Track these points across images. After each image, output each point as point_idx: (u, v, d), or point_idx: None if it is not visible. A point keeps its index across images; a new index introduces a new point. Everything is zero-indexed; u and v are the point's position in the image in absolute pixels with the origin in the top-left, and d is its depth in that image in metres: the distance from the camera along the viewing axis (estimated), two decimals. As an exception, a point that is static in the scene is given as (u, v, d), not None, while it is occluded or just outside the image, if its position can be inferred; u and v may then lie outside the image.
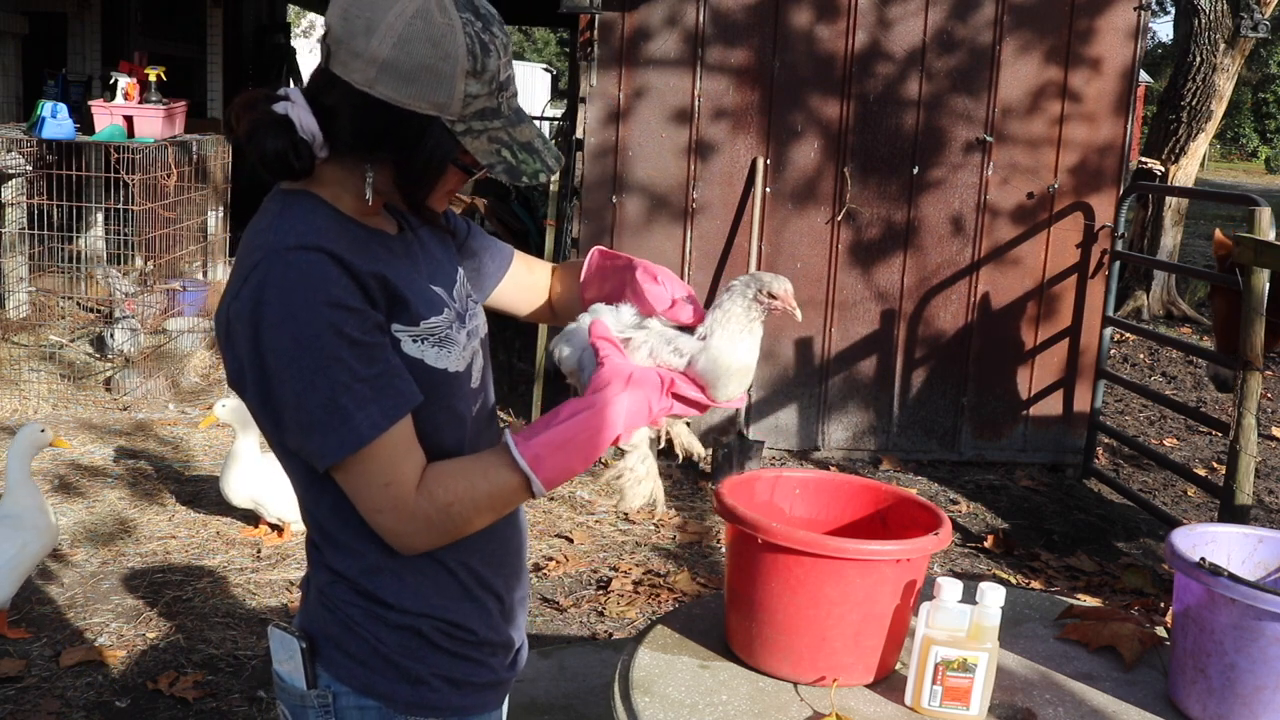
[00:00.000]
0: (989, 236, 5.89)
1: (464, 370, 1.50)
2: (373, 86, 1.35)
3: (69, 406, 6.09)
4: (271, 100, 1.40)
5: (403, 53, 1.33)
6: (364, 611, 1.48)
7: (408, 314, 1.42)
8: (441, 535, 1.42)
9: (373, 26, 1.33)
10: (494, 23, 1.40)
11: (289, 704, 1.53)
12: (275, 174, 1.41)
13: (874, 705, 1.72)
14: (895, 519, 1.90)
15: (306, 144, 1.39)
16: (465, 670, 1.54)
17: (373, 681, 1.48)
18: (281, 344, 1.33)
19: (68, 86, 7.14)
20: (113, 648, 3.68)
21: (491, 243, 1.76)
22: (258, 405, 1.39)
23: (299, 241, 1.35)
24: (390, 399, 1.36)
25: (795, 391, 5.95)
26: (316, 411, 1.34)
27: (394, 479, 1.37)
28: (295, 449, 1.40)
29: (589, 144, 5.69)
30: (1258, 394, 4.33)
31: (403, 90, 1.34)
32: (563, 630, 3.98)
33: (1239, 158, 39.02)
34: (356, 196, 1.45)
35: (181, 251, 7.01)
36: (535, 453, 1.40)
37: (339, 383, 1.33)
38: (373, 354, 1.36)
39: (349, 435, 1.34)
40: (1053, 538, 5.11)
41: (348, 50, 1.35)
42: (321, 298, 1.33)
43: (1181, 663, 1.76)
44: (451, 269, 1.59)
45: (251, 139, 1.40)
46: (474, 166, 1.42)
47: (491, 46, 1.38)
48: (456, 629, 1.52)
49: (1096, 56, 5.80)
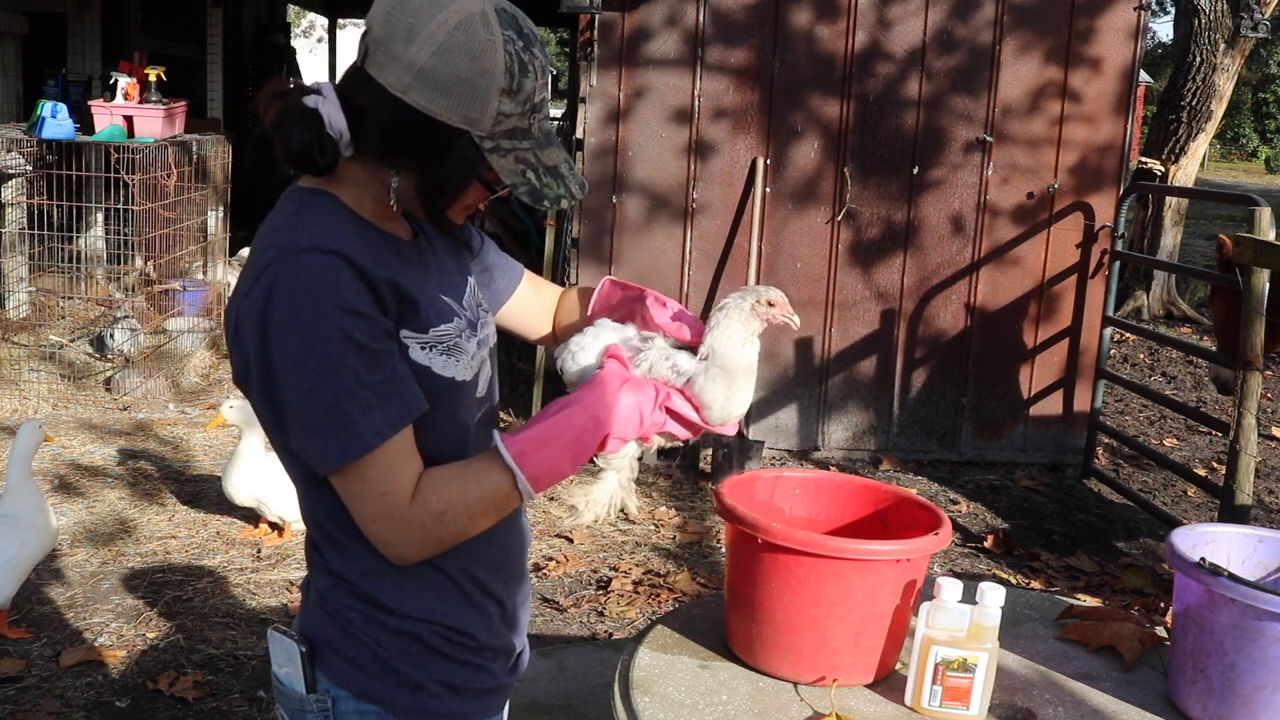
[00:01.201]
0: (989, 236, 5.89)
1: (470, 379, 1.49)
2: (406, 92, 1.34)
3: (69, 406, 6.09)
4: (303, 92, 1.40)
5: (441, 62, 1.32)
6: (364, 616, 1.47)
7: (417, 320, 1.41)
8: (437, 544, 1.41)
9: (414, 33, 1.32)
10: (535, 43, 1.38)
11: (288, 708, 1.52)
12: (298, 167, 1.41)
13: (874, 705, 1.72)
14: (895, 519, 1.90)
15: (333, 140, 1.38)
16: (465, 676, 1.53)
17: (372, 686, 1.48)
18: (289, 345, 1.32)
19: (68, 86, 7.14)
20: (113, 648, 3.68)
21: (504, 259, 1.75)
22: (262, 405, 1.38)
23: (313, 244, 1.34)
24: (395, 407, 1.35)
25: (795, 391, 5.95)
26: (320, 415, 1.33)
27: (391, 488, 1.36)
28: (297, 451, 1.39)
29: (589, 144, 5.69)
30: (1258, 394, 4.33)
31: (436, 100, 1.34)
32: (563, 630, 3.98)
33: (1239, 158, 39.01)
34: (376, 200, 1.44)
35: (181, 251, 7.01)
36: (520, 448, 1.40)
37: (344, 388, 1.32)
38: (380, 360, 1.35)
39: (351, 441, 1.33)
40: (1053, 538, 5.11)
41: (386, 53, 1.34)
42: (331, 302, 1.32)
43: (1181, 663, 1.76)
44: (462, 278, 1.59)
45: (278, 129, 1.39)
46: (497, 184, 1.41)
47: (530, 67, 1.36)
48: (457, 634, 1.51)
49: (1096, 56, 5.80)
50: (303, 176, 1.47)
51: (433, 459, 1.43)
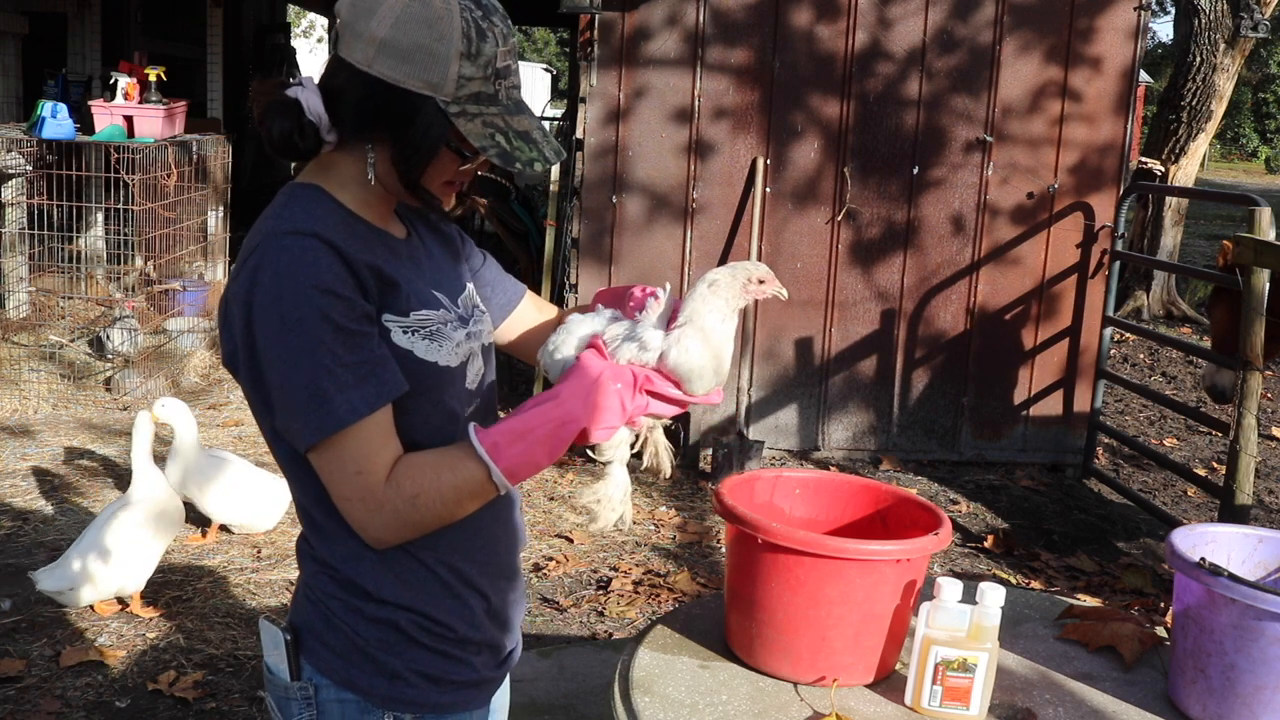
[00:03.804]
0: (989, 236, 5.89)
1: (456, 366, 1.51)
2: (371, 65, 1.40)
3: (69, 406, 6.09)
4: (285, 85, 1.47)
5: (400, 32, 1.39)
6: (343, 604, 1.50)
7: (398, 304, 1.45)
8: (410, 528, 1.43)
9: (374, 9, 1.40)
10: (494, 13, 1.44)
11: (275, 695, 1.56)
12: (282, 154, 1.46)
13: (874, 705, 1.72)
14: (895, 519, 1.90)
15: (313, 125, 1.44)
16: (444, 667, 1.54)
17: (351, 675, 1.51)
18: (270, 325, 1.36)
19: (68, 86, 7.15)
20: (113, 648, 3.68)
21: (505, 277, 1.79)
22: (249, 386, 1.42)
23: (294, 227, 1.40)
24: (372, 386, 1.39)
25: (795, 391, 5.95)
26: (299, 393, 1.37)
27: (366, 468, 1.39)
28: (282, 431, 1.42)
29: (589, 144, 5.69)
30: (1258, 394, 4.33)
31: (398, 69, 1.40)
32: (563, 630, 3.98)
33: (1239, 158, 39.01)
34: (364, 187, 1.48)
35: (181, 251, 7.01)
36: (494, 440, 1.41)
37: (322, 366, 1.36)
38: (358, 342, 1.38)
39: (327, 417, 1.37)
40: (1053, 538, 5.11)
41: (351, 32, 1.41)
42: (310, 282, 1.36)
43: (1181, 663, 1.76)
44: (459, 280, 1.61)
45: (263, 121, 1.46)
46: (467, 150, 1.45)
47: (490, 34, 1.42)
48: (435, 625, 1.52)
49: (1096, 56, 5.80)
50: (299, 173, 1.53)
51: (417, 445, 1.45)
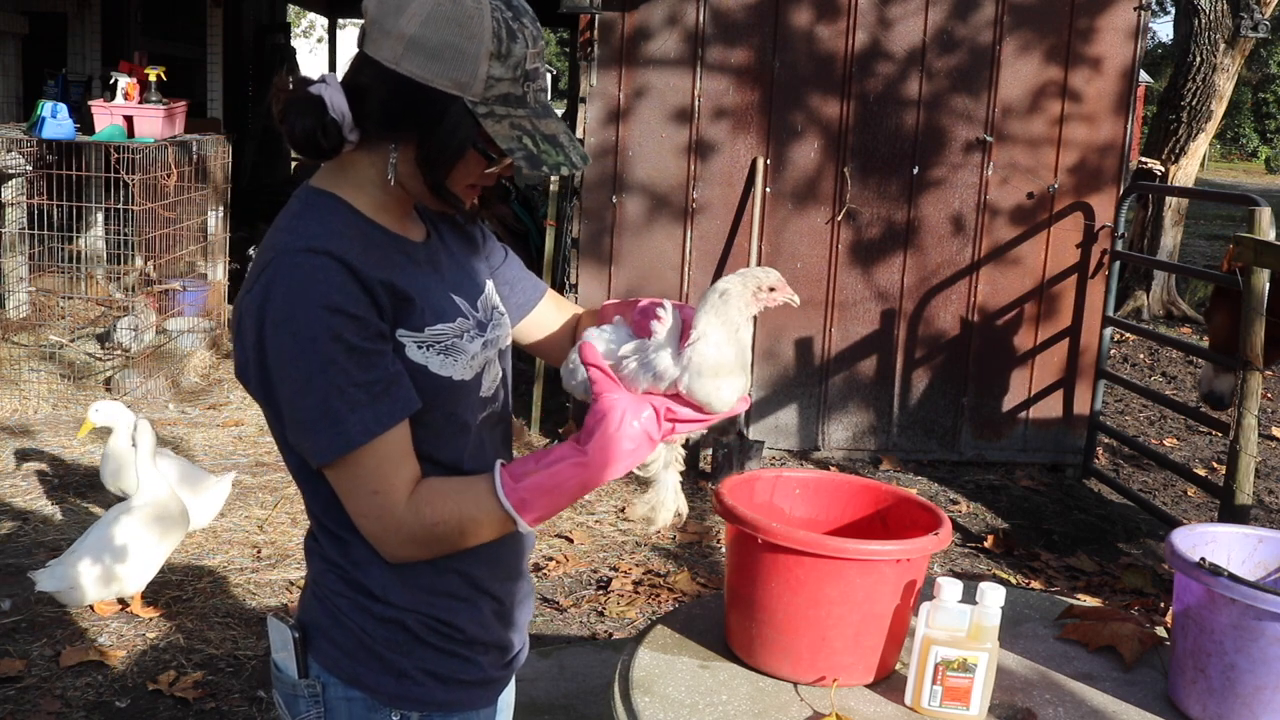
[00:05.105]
0: (989, 236, 5.89)
1: (471, 379, 1.50)
2: (399, 63, 1.38)
3: (69, 406, 6.08)
4: (308, 82, 1.44)
5: (429, 30, 1.36)
6: (351, 603, 1.50)
7: (413, 320, 1.43)
8: (425, 550, 1.44)
9: (404, 6, 1.38)
10: (525, 15, 1.42)
11: (283, 693, 1.56)
12: (305, 153, 1.44)
13: (874, 705, 1.72)
14: (895, 519, 1.90)
15: (336, 124, 1.41)
16: (452, 667, 1.54)
17: (359, 673, 1.50)
18: (282, 344, 1.35)
19: (68, 86, 7.14)
20: (113, 648, 3.68)
21: (527, 275, 1.76)
22: (261, 398, 1.42)
23: (308, 244, 1.37)
24: (385, 404, 1.38)
25: (795, 391, 5.95)
26: (311, 412, 1.36)
27: (382, 488, 1.39)
28: (294, 444, 1.42)
29: (589, 144, 5.69)
30: (1258, 394, 4.33)
31: (427, 67, 1.37)
32: (563, 630, 3.98)
33: (1239, 158, 38.99)
34: (382, 189, 1.46)
35: (181, 251, 7.01)
36: (522, 497, 1.40)
37: (334, 386, 1.35)
38: (371, 360, 1.37)
39: (339, 438, 1.36)
40: (1053, 538, 5.11)
41: (379, 29, 1.39)
42: (322, 302, 1.35)
43: (1181, 663, 1.76)
44: (479, 280, 1.60)
45: (285, 119, 1.43)
46: (494, 152, 1.42)
47: (520, 35, 1.40)
48: (444, 625, 1.52)
49: (1096, 56, 5.80)
50: (314, 175, 1.51)
51: (430, 457, 1.45)
